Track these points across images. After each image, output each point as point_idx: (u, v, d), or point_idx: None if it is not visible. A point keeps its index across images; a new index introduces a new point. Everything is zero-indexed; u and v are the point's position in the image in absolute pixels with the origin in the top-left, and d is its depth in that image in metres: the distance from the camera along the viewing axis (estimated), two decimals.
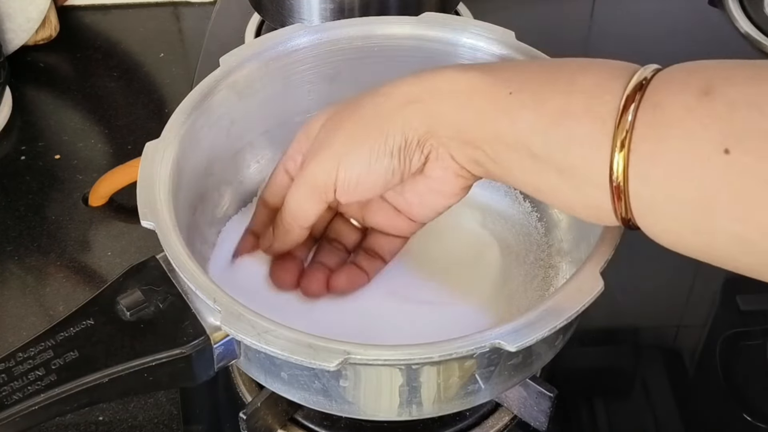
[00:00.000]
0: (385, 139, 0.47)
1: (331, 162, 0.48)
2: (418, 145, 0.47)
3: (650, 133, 0.40)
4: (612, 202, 0.42)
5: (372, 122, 0.48)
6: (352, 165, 0.48)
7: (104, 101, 0.82)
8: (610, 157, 0.41)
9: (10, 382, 0.46)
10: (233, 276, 0.57)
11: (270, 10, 0.79)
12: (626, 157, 0.40)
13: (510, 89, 0.44)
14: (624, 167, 0.40)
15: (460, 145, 0.47)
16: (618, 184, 0.41)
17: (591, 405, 0.60)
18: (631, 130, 0.40)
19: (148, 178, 0.52)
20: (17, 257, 0.69)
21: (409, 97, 0.47)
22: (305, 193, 0.50)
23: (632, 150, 0.40)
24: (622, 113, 0.40)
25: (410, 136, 0.47)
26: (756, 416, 0.59)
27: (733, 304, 0.66)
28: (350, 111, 0.49)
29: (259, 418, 0.54)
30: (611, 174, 0.41)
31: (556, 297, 0.46)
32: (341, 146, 0.48)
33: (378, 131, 0.47)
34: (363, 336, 0.53)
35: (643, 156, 0.40)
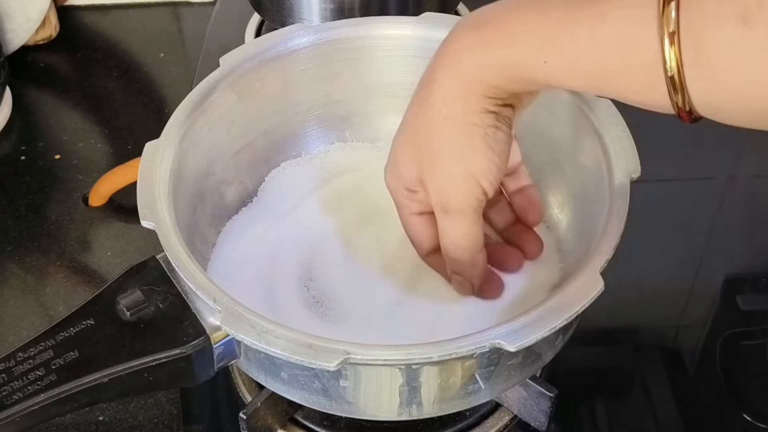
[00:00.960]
0: (482, 126, 0.47)
1: (469, 183, 0.48)
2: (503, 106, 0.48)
3: (700, 74, 0.39)
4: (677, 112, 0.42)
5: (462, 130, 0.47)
6: (486, 166, 0.48)
7: (104, 101, 0.82)
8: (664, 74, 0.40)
9: (10, 382, 0.46)
10: (233, 276, 0.57)
11: (270, 10, 0.79)
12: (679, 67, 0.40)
13: (543, 59, 0.44)
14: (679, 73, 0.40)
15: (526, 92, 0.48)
16: (673, 79, 0.40)
17: (591, 405, 0.60)
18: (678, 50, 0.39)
19: (148, 178, 0.52)
20: (17, 257, 0.69)
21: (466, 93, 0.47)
22: (466, 222, 0.50)
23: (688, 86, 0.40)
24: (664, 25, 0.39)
25: (493, 107, 0.47)
26: (756, 416, 0.59)
27: (733, 304, 0.66)
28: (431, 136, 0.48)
29: (259, 418, 0.54)
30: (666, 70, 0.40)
31: (556, 297, 0.46)
32: (462, 165, 0.48)
33: (474, 129, 0.47)
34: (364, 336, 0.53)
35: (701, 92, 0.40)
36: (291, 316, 0.54)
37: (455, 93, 0.47)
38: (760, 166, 0.77)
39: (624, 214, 0.50)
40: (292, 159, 0.64)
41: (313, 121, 0.64)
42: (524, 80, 0.46)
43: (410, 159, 0.50)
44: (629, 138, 0.54)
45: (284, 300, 0.56)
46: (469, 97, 0.47)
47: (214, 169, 0.59)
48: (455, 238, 0.50)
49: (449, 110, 0.47)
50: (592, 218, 0.53)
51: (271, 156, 0.63)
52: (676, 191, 0.74)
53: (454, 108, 0.47)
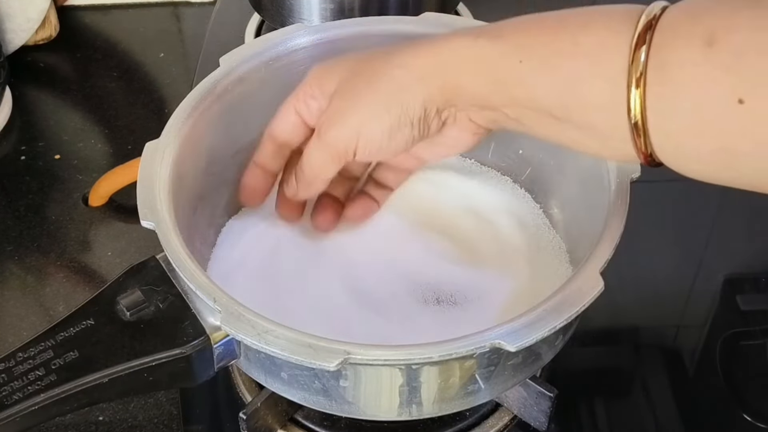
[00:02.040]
0: (405, 111, 0.48)
1: (351, 131, 0.50)
2: (437, 113, 0.49)
3: (662, 92, 0.40)
4: (635, 148, 0.42)
5: (391, 95, 0.49)
6: (373, 136, 0.49)
7: (104, 101, 0.82)
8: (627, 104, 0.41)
9: (10, 382, 0.46)
10: (233, 276, 0.57)
11: (270, 10, 0.78)
12: (642, 102, 0.41)
13: (519, 57, 0.45)
14: (642, 111, 0.41)
15: (479, 110, 0.48)
16: (637, 124, 0.41)
17: (591, 405, 0.60)
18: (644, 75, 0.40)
19: (148, 178, 0.52)
20: (17, 257, 0.69)
21: (426, 70, 0.48)
22: (325, 155, 0.52)
23: (648, 106, 0.41)
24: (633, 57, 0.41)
25: (430, 106, 0.48)
26: (756, 416, 0.59)
27: (733, 304, 0.66)
28: (366, 80, 0.50)
29: (259, 418, 0.54)
30: (630, 117, 0.41)
31: (556, 297, 0.46)
32: (361, 117, 0.50)
33: (398, 104, 0.48)
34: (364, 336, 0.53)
35: (659, 112, 0.41)
36: (291, 316, 0.54)
37: (417, 68, 0.48)
38: None
39: (624, 214, 0.50)
40: None
41: None
42: (495, 80, 0.46)
43: (339, 75, 0.51)
44: None
45: (284, 300, 0.56)
46: (425, 79, 0.48)
47: (214, 169, 0.59)
48: (310, 159, 0.53)
49: (399, 75, 0.49)
50: (592, 218, 0.53)
51: None
52: (676, 191, 0.74)
53: (404, 76, 0.48)
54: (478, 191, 0.62)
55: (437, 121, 0.49)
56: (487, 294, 0.56)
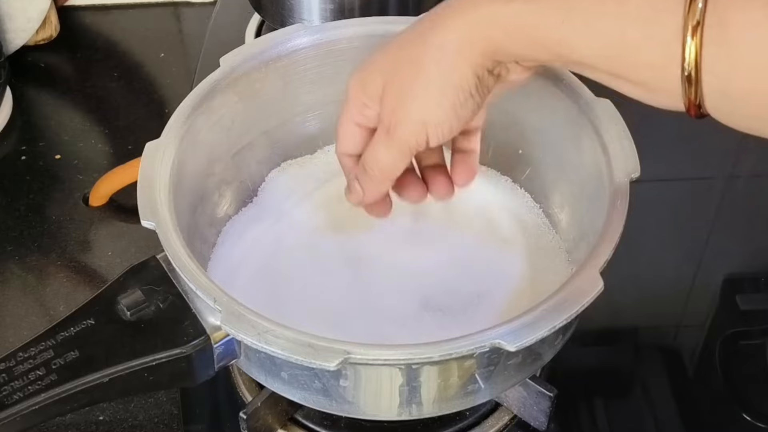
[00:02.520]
0: (461, 87, 0.48)
1: (417, 125, 0.49)
2: (489, 73, 0.48)
3: (719, 52, 0.39)
4: (685, 102, 0.42)
5: (441, 78, 0.48)
6: (441, 121, 0.49)
7: (104, 101, 0.82)
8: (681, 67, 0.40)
9: (10, 382, 0.46)
10: (233, 276, 0.57)
11: (270, 10, 0.79)
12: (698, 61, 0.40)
13: (560, 17, 0.44)
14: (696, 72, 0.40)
15: (528, 61, 0.48)
16: (689, 78, 0.41)
17: (591, 405, 0.60)
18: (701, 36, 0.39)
19: (148, 178, 0.52)
20: (17, 257, 0.69)
21: (464, 43, 0.47)
22: (396, 154, 0.51)
23: (704, 68, 0.40)
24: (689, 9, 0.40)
25: (480, 72, 0.48)
26: (756, 416, 0.59)
27: (733, 304, 0.66)
28: (410, 70, 0.49)
29: (259, 418, 0.54)
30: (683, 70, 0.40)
31: (556, 297, 0.46)
32: (421, 108, 0.49)
33: (450, 84, 0.48)
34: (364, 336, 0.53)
35: (717, 73, 0.40)
36: (291, 315, 0.54)
37: (455, 43, 0.47)
38: (760, 166, 0.77)
39: (624, 214, 0.50)
40: (292, 159, 0.64)
41: (313, 121, 0.64)
42: (535, 42, 0.45)
43: (381, 74, 0.50)
44: (629, 138, 0.54)
45: (284, 300, 0.56)
46: (465, 51, 0.47)
47: (214, 169, 0.59)
48: (379, 160, 0.51)
49: (440, 56, 0.48)
50: (592, 218, 0.53)
51: (271, 156, 0.63)
52: (676, 191, 0.74)
53: (445, 56, 0.47)
54: (477, 191, 0.62)
55: (492, 79, 0.48)
56: (487, 294, 0.56)
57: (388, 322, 0.55)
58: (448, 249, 0.59)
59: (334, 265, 0.58)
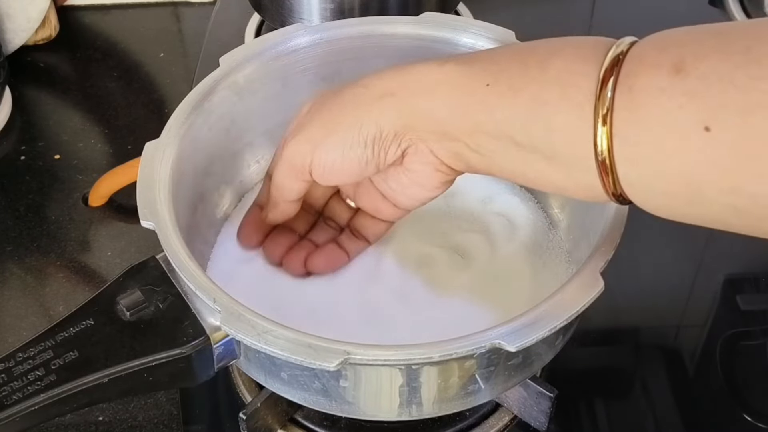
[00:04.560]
0: (359, 129, 0.48)
1: (306, 145, 0.50)
2: (395, 137, 0.48)
3: (629, 117, 0.40)
4: (601, 182, 0.42)
5: (348, 111, 0.49)
6: (326, 151, 0.50)
7: (104, 101, 0.82)
8: (593, 138, 0.41)
9: (9, 382, 0.46)
10: (233, 276, 0.57)
11: (270, 10, 0.78)
12: (609, 137, 0.40)
13: (486, 81, 0.45)
14: (608, 147, 0.41)
15: (439, 139, 0.47)
16: (604, 161, 0.41)
17: (591, 405, 0.60)
18: (611, 110, 0.40)
19: (148, 178, 0.52)
20: (17, 257, 0.69)
21: (386, 90, 0.48)
22: (284, 171, 0.52)
23: (615, 134, 0.40)
24: (600, 92, 0.40)
25: (386, 128, 0.48)
26: (756, 416, 0.59)
27: (733, 304, 0.66)
28: (331, 98, 0.51)
29: (259, 418, 0.54)
30: (596, 153, 0.41)
31: (556, 297, 0.46)
32: (317, 131, 0.50)
33: (353, 121, 0.48)
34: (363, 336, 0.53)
35: (625, 139, 0.40)
36: (291, 316, 0.54)
37: (377, 89, 0.48)
38: None
39: (624, 214, 0.50)
40: None
41: None
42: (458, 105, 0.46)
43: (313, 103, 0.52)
44: None
45: (284, 300, 0.56)
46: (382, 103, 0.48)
47: (214, 169, 0.59)
48: (275, 173, 0.53)
49: (360, 93, 0.49)
50: (592, 218, 0.53)
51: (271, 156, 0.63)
52: None
53: (362, 97, 0.49)
54: (478, 191, 0.62)
55: (395, 148, 0.48)
56: (487, 294, 0.56)
57: (387, 321, 0.55)
58: (448, 249, 0.59)
59: None
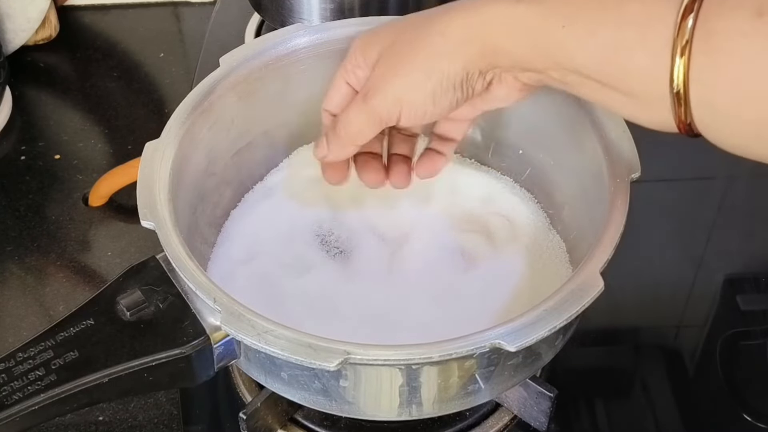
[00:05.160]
0: (447, 76, 0.48)
1: (394, 99, 0.50)
2: (480, 74, 0.49)
3: (708, 62, 0.40)
4: (675, 119, 0.42)
5: (431, 62, 0.49)
6: (417, 104, 0.49)
7: (104, 101, 0.82)
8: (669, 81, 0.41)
9: (10, 382, 0.46)
10: (233, 276, 0.57)
11: (270, 10, 0.78)
12: (686, 80, 0.40)
13: (562, 23, 0.45)
14: (685, 89, 0.41)
15: (523, 71, 0.48)
16: (680, 101, 0.41)
17: (591, 405, 0.60)
18: (689, 53, 0.40)
19: (148, 178, 0.52)
20: (17, 257, 0.69)
21: (466, 36, 0.48)
22: (367, 121, 0.51)
23: (691, 78, 0.40)
24: (678, 34, 0.40)
25: (471, 69, 0.48)
26: (756, 416, 0.59)
27: (733, 304, 0.66)
28: (406, 47, 0.50)
29: (259, 418, 0.54)
30: (672, 94, 0.41)
31: (556, 297, 0.46)
32: (403, 85, 0.50)
33: (438, 71, 0.48)
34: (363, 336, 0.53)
35: (703, 83, 0.40)
36: (291, 316, 0.54)
37: (456, 33, 0.48)
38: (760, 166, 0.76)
39: (624, 214, 0.50)
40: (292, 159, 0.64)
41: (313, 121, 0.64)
42: (535, 44, 0.46)
43: (381, 44, 0.51)
44: (629, 138, 0.54)
45: (284, 300, 0.56)
46: (465, 44, 0.48)
47: (214, 169, 0.59)
48: (350, 120, 0.52)
49: (438, 42, 0.48)
50: (593, 218, 0.53)
51: (271, 156, 0.63)
52: (676, 191, 0.74)
53: (443, 43, 0.48)
54: (478, 191, 0.62)
55: (482, 82, 0.49)
56: (487, 294, 0.56)
57: (387, 322, 0.55)
58: (448, 249, 0.59)
59: (335, 265, 0.58)
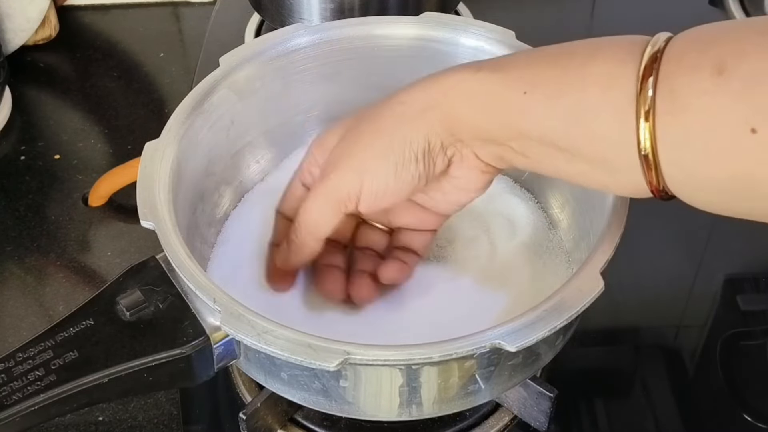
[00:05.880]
0: (409, 145, 0.47)
1: (354, 174, 0.48)
2: (441, 148, 0.47)
3: (673, 120, 0.40)
4: (645, 182, 0.42)
5: (394, 131, 0.48)
6: (378, 176, 0.48)
7: (104, 101, 0.82)
8: (636, 142, 0.40)
9: (9, 383, 0.46)
10: (233, 276, 0.57)
11: (270, 10, 0.78)
12: (653, 140, 0.40)
13: (523, 88, 0.44)
14: (652, 149, 0.40)
15: (484, 145, 0.47)
16: (648, 163, 0.41)
17: (591, 405, 0.60)
18: (653, 112, 0.40)
19: (148, 178, 0.52)
20: (17, 257, 0.69)
21: (427, 103, 0.47)
22: (323, 205, 0.50)
23: (658, 138, 0.40)
24: (640, 94, 0.40)
25: (433, 140, 0.47)
26: (756, 416, 0.59)
27: (733, 304, 0.66)
28: (368, 122, 0.49)
29: (259, 418, 0.54)
30: (640, 156, 0.41)
31: (556, 297, 0.46)
32: (364, 157, 0.48)
33: (401, 140, 0.47)
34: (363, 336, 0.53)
35: (670, 142, 0.40)
36: (291, 316, 0.54)
37: (418, 102, 0.47)
38: None
39: (624, 214, 0.50)
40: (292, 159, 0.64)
41: (313, 121, 0.64)
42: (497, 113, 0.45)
43: (340, 132, 0.50)
44: None
45: (284, 300, 0.56)
46: (426, 112, 0.47)
47: (214, 169, 0.59)
48: (307, 210, 0.50)
49: (400, 110, 0.48)
50: (593, 218, 0.53)
51: (271, 156, 0.63)
52: None
53: (405, 111, 0.48)
54: None
55: (442, 158, 0.48)
56: (488, 294, 0.56)
57: (387, 322, 0.55)
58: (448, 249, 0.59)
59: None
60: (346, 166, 0.49)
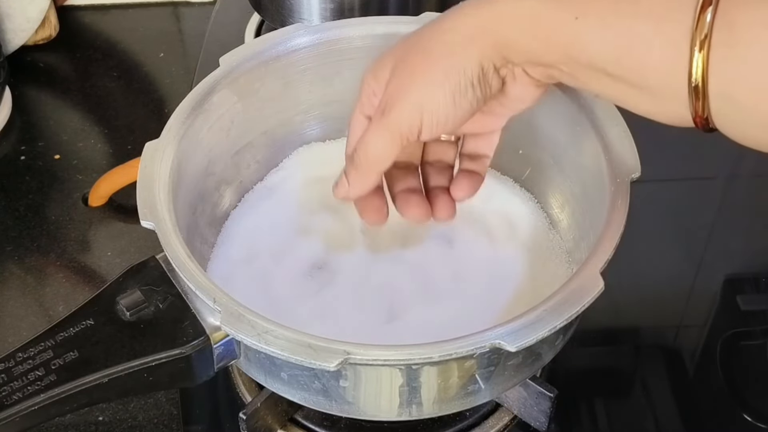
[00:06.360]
0: (464, 73, 0.47)
1: (413, 108, 0.48)
2: (495, 70, 0.47)
3: (728, 53, 0.39)
4: (691, 113, 0.41)
5: (447, 61, 0.47)
6: (438, 107, 0.48)
7: (104, 101, 0.82)
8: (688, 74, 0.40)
9: (9, 382, 0.46)
10: (233, 276, 0.57)
11: (270, 10, 0.78)
12: (705, 72, 0.40)
13: (575, 14, 0.44)
14: (703, 82, 0.40)
15: (535, 66, 0.47)
16: (698, 94, 0.40)
17: (591, 405, 0.60)
18: (709, 45, 0.39)
19: (148, 178, 0.52)
20: (17, 257, 0.69)
21: (478, 29, 0.47)
22: (386, 139, 0.49)
23: (711, 71, 0.40)
24: (697, 27, 0.39)
25: (486, 64, 0.47)
26: (756, 416, 0.59)
27: (733, 304, 0.66)
28: (419, 53, 0.48)
29: (259, 418, 0.54)
30: (690, 88, 0.40)
31: (556, 297, 0.46)
32: (421, 90, 0.48)
33: (455, 68, 0.47)
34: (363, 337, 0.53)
35: (722, 75, 0.40)
36: (291, 316, 0.54)
37: (467, 28, 0.47)
38: (760, 166, 0.77)
39: (624, 214, 0.50)
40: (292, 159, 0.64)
41: (313, 121, 0.64)
42: (547, 38, 0.45)
43: (392, 60, 0.50)
44: (629, 138, 0.54)
45: (284, 300, 0.56)
46: (476, 38, 0.46)
47: (214, 169, 0.59)
48: (368, 143, 0.49)
49: (450, 39, 0.47)
50: (592, 218, 0.53)
51: (271, 156, 0.63)
52: (676, 191, 0.74)
53: (455, 40, 0.47)
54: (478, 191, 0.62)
55: (497, 79, 0.48)
56: (488, 294, 0.56)
57: (388, 322, 0.55)
58: (448, 249, 0.59)
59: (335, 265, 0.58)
60: (405, 102, 0.48)
